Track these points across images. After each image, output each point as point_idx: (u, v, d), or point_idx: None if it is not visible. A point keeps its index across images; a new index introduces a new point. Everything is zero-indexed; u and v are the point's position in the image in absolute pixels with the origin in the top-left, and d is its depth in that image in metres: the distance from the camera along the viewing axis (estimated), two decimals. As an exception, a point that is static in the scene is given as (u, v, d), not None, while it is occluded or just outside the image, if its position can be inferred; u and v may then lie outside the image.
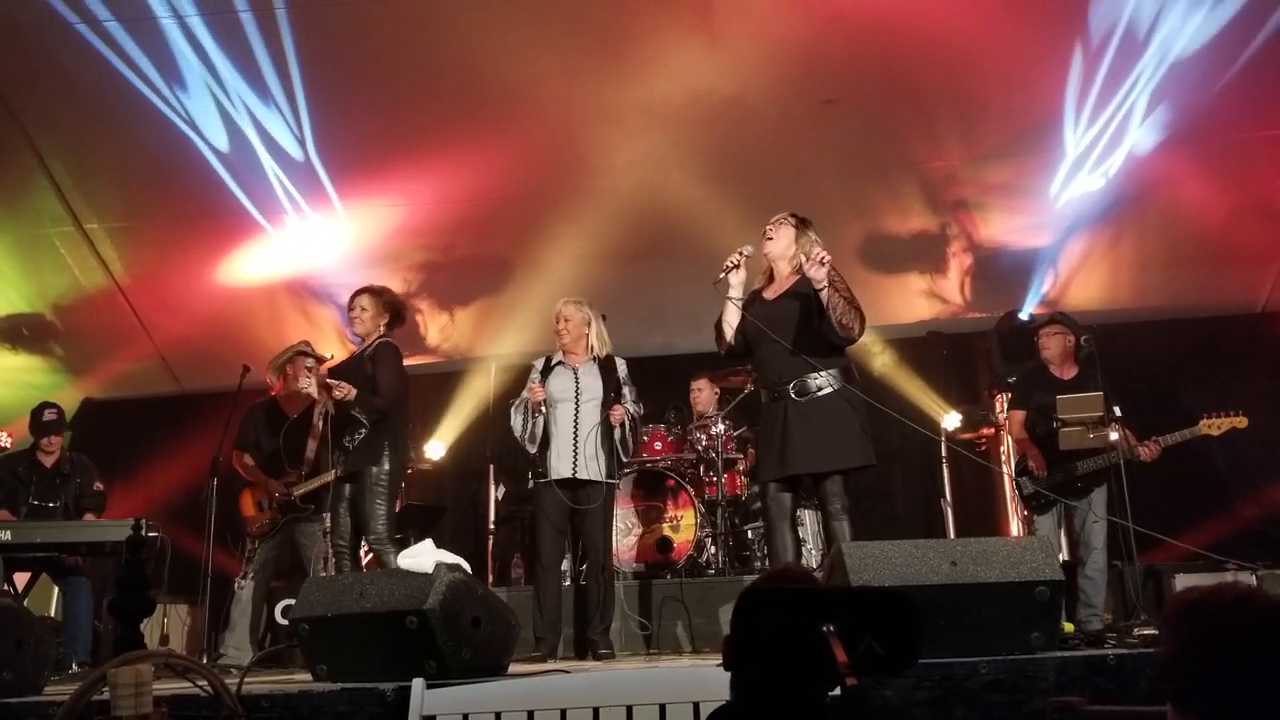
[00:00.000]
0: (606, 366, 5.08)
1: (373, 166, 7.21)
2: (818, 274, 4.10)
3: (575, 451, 4.90)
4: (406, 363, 8.01)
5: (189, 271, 7.71)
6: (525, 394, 5.06)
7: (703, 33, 6.38)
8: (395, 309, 5.30)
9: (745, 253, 4.38)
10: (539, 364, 5.18)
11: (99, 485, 6.17)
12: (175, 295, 7.85)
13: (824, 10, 6.23)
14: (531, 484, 5.17)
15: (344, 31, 6.49)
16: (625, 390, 5.07)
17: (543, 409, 4.96)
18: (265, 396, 6.05)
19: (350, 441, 4.97)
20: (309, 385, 5.01)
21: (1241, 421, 5.37)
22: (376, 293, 5.27)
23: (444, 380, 8.29)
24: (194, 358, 8.14)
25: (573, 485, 4.93)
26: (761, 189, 6.48)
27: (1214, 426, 5.37)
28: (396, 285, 7.92)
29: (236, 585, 5.71)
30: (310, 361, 5.14)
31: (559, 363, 5.11)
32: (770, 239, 4.40)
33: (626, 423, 4.96)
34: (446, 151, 6.96)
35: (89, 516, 6.00)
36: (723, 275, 4.36)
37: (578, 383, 5.01)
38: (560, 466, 4.92)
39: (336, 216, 7.50)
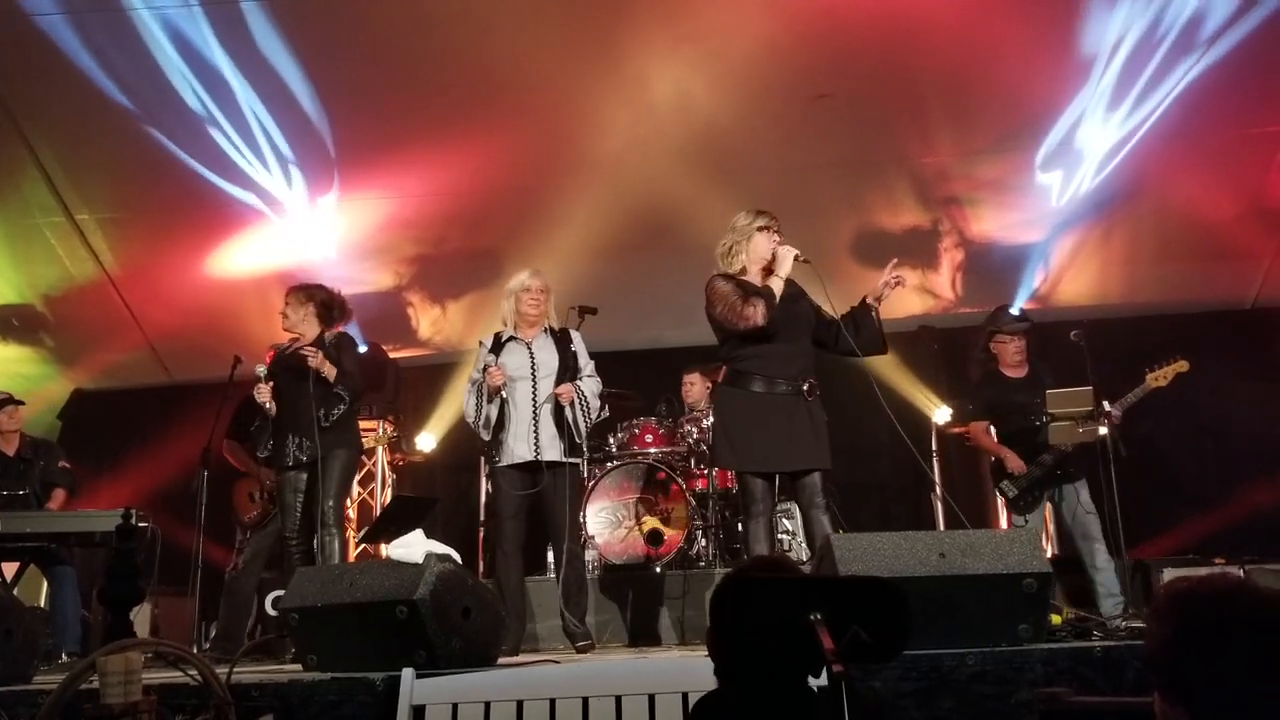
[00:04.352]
0: (561, 339, 4.81)
1: (365, 159, 7.18)
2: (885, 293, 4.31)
3: (535, 432, 4.63)
4: (397, 355, 8.12)
5: (180, 262, 7.67)
6: (475, 375, 4.78)
7: (696, 27, 6.37)
8: (329, 307, 5.12)
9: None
10: (487, 342, 4.86)
11: (64, 464, 6.10)
12: (166, 286, 7.81)
13: (817, 4, 6.22)
14: (488, 469, 4.95)
15: (338, 24, 6.46)
16: (582, 362, 4.81)
17: (503, 393, 4.67)
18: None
19: (326, 420, 4.79)
20: (264, 396, 4.81)
21: (1183, 365, 5.43)
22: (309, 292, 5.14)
23: (435, 373, 8.28)
24: (184, 348, 8.10)
25: (533, 468, 4.64)
26: (753, 183, 6.48)
27: (1160, 378, 5.43)
28: (388, 278, 7.97)
29: (228, 576, 5.71)
30: (262, 369, 5.00)
31: (510, 338, 4.81)
32: (785, 244, 4.37)
33: (577, 400, 4.66)
34: (439, 144, 6.94)
35: (58, 493, 5.97)
36: (804, 258, 4.30)
37: (533, 358, 4.73)
38: (519, 449, 4.64)
39: (328, 208, 7.46)
